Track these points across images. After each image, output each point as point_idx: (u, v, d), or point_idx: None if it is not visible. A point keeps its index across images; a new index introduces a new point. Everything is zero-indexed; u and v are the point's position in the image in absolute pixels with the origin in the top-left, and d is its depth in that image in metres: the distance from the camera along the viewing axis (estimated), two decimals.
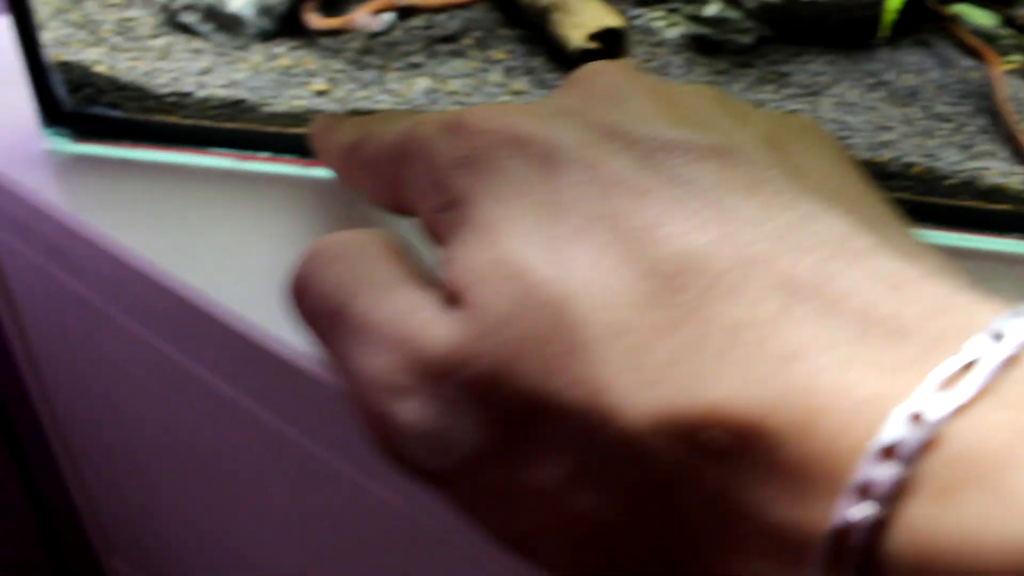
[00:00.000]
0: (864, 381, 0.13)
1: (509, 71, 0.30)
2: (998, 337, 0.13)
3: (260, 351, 0.26)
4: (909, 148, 0.29)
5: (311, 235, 0.28)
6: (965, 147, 0.30)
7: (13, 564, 0.63)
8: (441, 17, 0.32)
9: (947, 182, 0.29)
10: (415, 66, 0.31)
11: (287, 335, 0.25)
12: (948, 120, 0.31)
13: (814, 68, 0.32)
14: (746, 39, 0.32)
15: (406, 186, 0.20)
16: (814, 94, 0.31)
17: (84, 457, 0.51)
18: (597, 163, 0.17)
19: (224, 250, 0.28)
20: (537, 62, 0.31)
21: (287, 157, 0.31)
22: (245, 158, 0.31)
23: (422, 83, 0.30)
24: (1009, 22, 0.34)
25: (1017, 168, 0.29)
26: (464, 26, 0.32)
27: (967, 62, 0.32)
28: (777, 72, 0.31)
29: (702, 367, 0.14)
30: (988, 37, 0.33)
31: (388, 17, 0.32)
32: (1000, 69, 0.31)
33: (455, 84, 0.30)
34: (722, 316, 0.14)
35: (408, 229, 0.21)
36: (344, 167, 0.23)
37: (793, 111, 0.30)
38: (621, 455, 0.14)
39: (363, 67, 0.31)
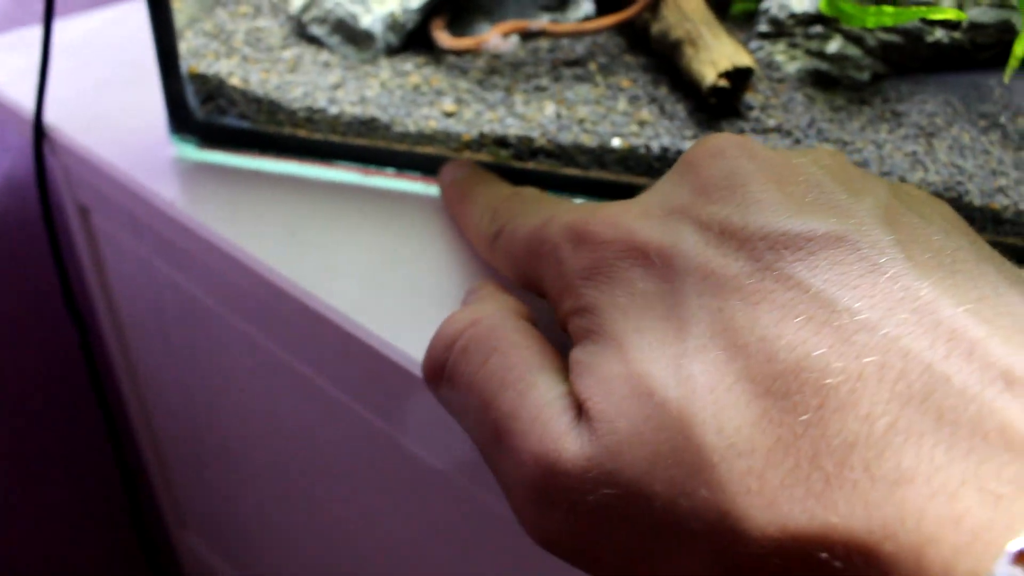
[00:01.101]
0: (975, 509, 0.13)
1: (634, 100, 0.32)
2: None
3: (365, 352, 0.28)
4: (1015, 194, 0.31)
5: (427, 249, 0.30)
6: None
7: (100, 535, 0.66)
8: (565, 41, 0.34)
9: None
10: (541, 89, 0.32)
11: (392, 338, 0.27)
12: None
13: (929, 108, 0.33)
14: (863, 76, 0.34)
15: (541, 281, 0.22)
16: (930, 135, 0.32)
17: (168, 437, 0.53)
18: (713, 269, 0.18)
19: (337, 256, 0.30)
20: (662, 92, 0.32)
21: (412, 174, 0.32)
22: (370, 173, 0.33)
23: (550, 108, 0.32)
24: None
25: None
26: (589, 51, 0.33)
27: None
28: (893, 111, 0.33)
29: (818, 488, 0.15)
30: None
31: (515, 39, 0.33)
32: None
33: (583, 111, 0.32)
34: (836, 434, 0.15)
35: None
36: (487, 254, 0.26)
37: (911, 151, 0.31)
38: (747, 573, 0.15)
39: (489, 88, 0.32)
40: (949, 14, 0.30)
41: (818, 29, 0.33)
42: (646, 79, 0.33)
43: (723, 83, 0.30)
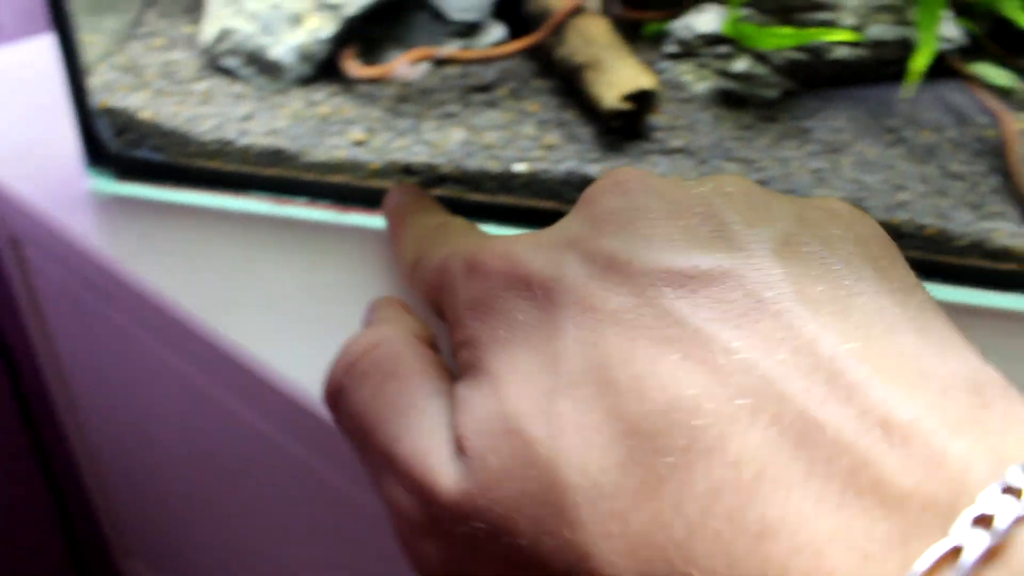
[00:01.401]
0: (842, 568, 0.13)
1: (542, 124, 0.32)
2: (984, 521, 0.13)
3: (273, 386, 0.28)
4: (924, 208, 0.32)
5: (340, 278, 0.31)
6: (977, 207, 0.32)
7: (35, 565, 0.66)
8: (477, 67, 0.34)
9: (957, 243, 0.31)
10: (450, 116, 0.33)
11: (297, 373, 0.28)
12: (962, 179, 0.33)
13: (836, 124, 0.34)
14: (771, 93, 0.34)
15: (443, 312, 0.22)
16: (835, 151, 0.33)
17: (107, 466, 0.53)
18: (594, 303, 0.18)
19: (247, 288, 0.30)
20: (569, 115, 0.33)
21: (324, 203, 0.33)
22: (282, 203, 0.33)
23: (458, 134, 0.32)
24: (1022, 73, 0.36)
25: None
26: (499, 76, 0.34)
27: (984, 120, 0.34)
28: (800, 128, 0.33)
29: (680, 536, 0.14)
30: (1006, 95, 0.35)
31: (425, 66, 0.34)
32: (1014, 128, 0.33)
33: (490, 136, 0.32)
34: (702, 479, 0.15)
35: None
36: (408, 281, 0.26)
37: (816, 167, 0.32)
38: None
39: (400, 115, 0.33)
40: (843, 35, 0.30)
41: (725, 49, 0.34)
42: (554, 103, 0.33)
43: (625, 106, 0.31)
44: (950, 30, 0.35)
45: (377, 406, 0.20)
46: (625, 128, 0.32)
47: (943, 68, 0.35)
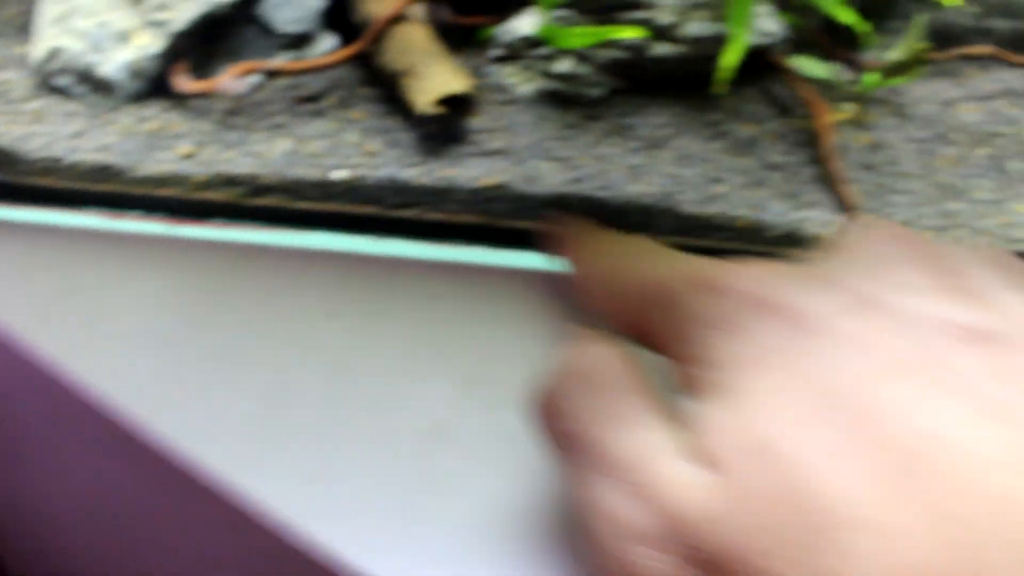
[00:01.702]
0: None
1: (365, 131, 0.33)
2: None
3: (100, 409, 0.29)
4: (738, 200, 0.32)
5: (176, 295, 0.31)
6: (792, 197, 0.33)
7: None
8: (306, 77, 0.35)
9: (770, 233, 0.32)
10: (279, 127, 0.34)
11: (127, 388, 0.28)
12: (780, 170, 0.34)
13: (658, 120, 0.35)
14: (597, 92, 0.35)
15: (655, 330, 0.22)
16: (656, 147, 0.34)
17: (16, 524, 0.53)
18: (851, 335, 0.17)
19: (81, 303, 0.31)
20: (392, 122, 0.33)
21: (157, 216, 0.34)
22: (116, 217, 0.34)
23: (282, 144, 0.33)
24: (851, 66, 0.37)
25: (838, 218, 0.33)
26: (327, 86, 0.35)
27: (805, 111, 0.35)
28: (623, 125, 0.34)
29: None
30: (827, 87, 0.36)
31: (254, 79, 0.34)
32: (827, 120, 0.34)
33: (314, 146, 0.33)
34: (994, 533, 0.14)
35: None
36: (592, 297, 0.25)
37: (632, 165, 0.33)
38: None
39: (230, 128, 0.34)
40: (633, 32, 0.31)
41: (547, 51, 0.35)
42: (379, 111, 0.34)
43: (437, 110, 0.32)
44: (771, 25, 0.36)
45: (597, 413, 0.20)
46: (444, 132, 0.33)
47: (766, 61, 0.36)
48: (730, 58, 0.33)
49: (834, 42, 0.39)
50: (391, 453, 0.26)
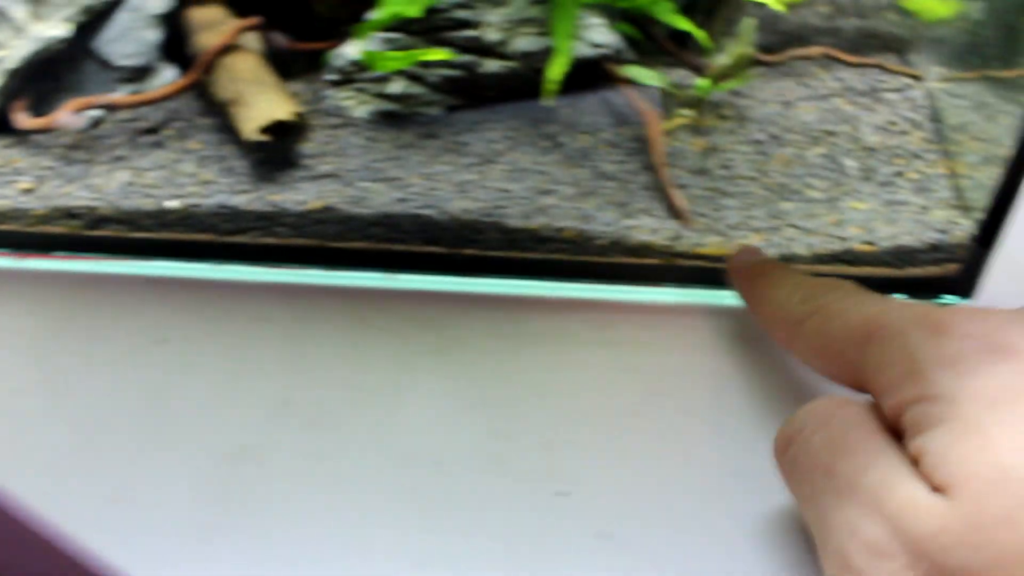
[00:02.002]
0: None
1: (202, 161, 0.34)
2: None
3: None
4: (567, 211, 0.33)
5: (14, 327, 0.32)
6: (623, 205, 0.34)
7: None
8: (147, 109, 0.36)
9: (599, 242, 0.33)
10: (119, 159, 0.34)
11: None
12: (613, 179, 0.34)
13: (493, 136, 0.35)
14: (434, 111, 0.36)
15: (868, 368, 0.23)
16: (489, 162, 0.34)
17: None
18: None
19: None
20: (228, 151, 0.34)
21: (3, 251, 0.34)
22: None
23: (121, 176, 0.34)
24: (699, 72, 0.38)
25: (668, 224, 0.33)
26: (167, 117, 0.36)
27: (640, 120, 0.36)
28: (459, 142, 0.35)
29: None
30: (670, 94, 0.37)
31: (96, 113, 0.35)
32: (657, 128, 0.35)
33: (151, 176, 0.34)
34: None
35: None
36: (789, 333, 0.27)
37: (467, 181, 0.34)
38: None
39: (71, 162, 0.34)
40: (438, 55, 0.32)
41: (378, 72, 0.35)
42: (215, 140, 0.35)
43: (262, 137, 0.32)
44: (603, 36, 0.36)
45: (841, 446, 0.22)
46: (275, 158, 0.33)
47: (603, 72, 0.37)
48: (555, 71, 0.34)
49: (682, 49, 0.39)
50: (194, 476, 0.27)
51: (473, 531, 0.26)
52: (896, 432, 0.22)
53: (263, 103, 0.33)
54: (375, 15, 0.33)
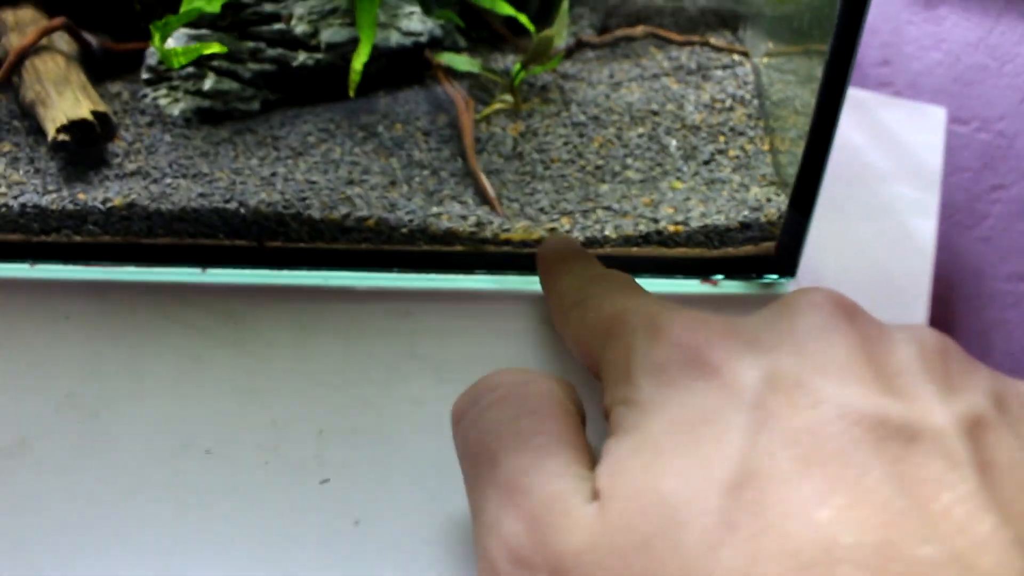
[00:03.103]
0: None
1: (13, 162, 0.35)
2: None
3: None
4: (373, 200, 0.33)
5: None
6: (432, 193, 0.34)
7: None
8: None
9: (403, 230, 0.33)
10: None
11: None
12: (425, 167, 0.35)
13: (308, 128, 0.36)
14: (253, 105, 0.36)
15: (602, 363, 0.23)
16: (299, 155, 0.35)
17: None
18: (772, 415, 0.18)
19: None
20: (38, 152, 0.35)
21: None
22: None
23: None
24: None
25: (476, 210, 0.33)
26: None
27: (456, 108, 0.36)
28: (274, 136, 0.35)
29: None
30: (493, 81, 0.37)
31: None
32: (469, 114, 0.35)
33: None
34: None
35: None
36: (560, 322, 0.27)
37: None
38: None
39: None
40: (215, 48, 0.32)
41: (192, 69, 0.36)
42: (26, 141, 0.35)
43: (64, 137, 0.33)
44: (416, 25, 0.37)
45: (511, 433, 0.21)
46: (85, 158, 0.34)
47: (423, 60, 0.37)
48: (358, 61, 0.34)
49: (518, 36, 0.40)
50: None
51: (235, 520, 0.26)
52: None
53: (65, 103, 0.33)
54: (178, 13, 0.34)
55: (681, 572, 0.17)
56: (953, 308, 0.57)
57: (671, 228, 0.33)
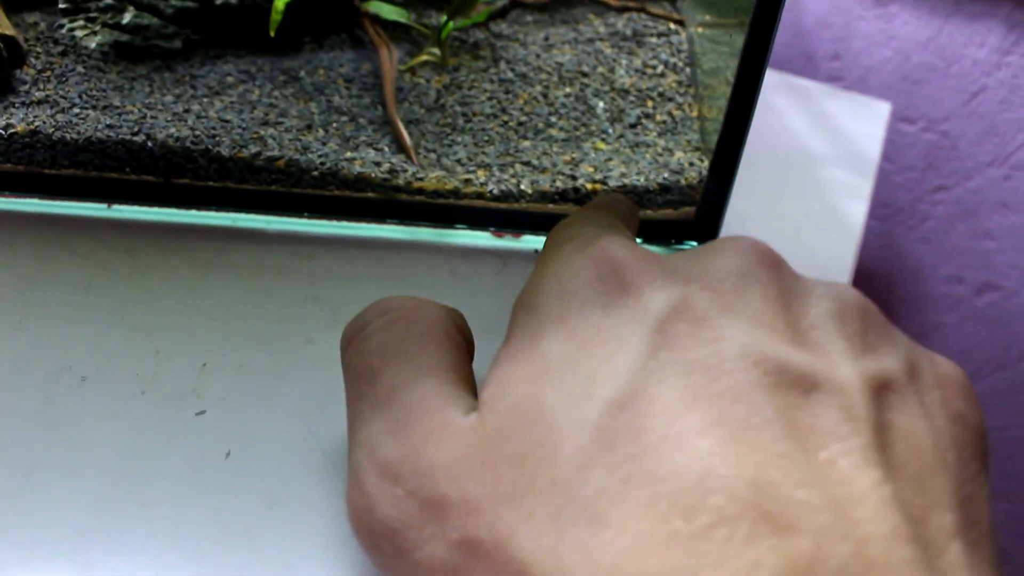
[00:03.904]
0: None
1: None
2: None
3: None
4: (286, 142, 0.33)
5: None
6: (348, 139, 0.33)
7: None
8: None
9: (313, 173, 0.32)
10: None
11: None
12: (344, 113, 0.34)
13: (229, 69, 0.35)
14: (175, 44, 0.35)
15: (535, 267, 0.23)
16: (216, 95, 0.34)
17: None
18: (668, 347, 0.17)
19: None
20: None
21: None
22: None
23: None
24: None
25: (391, 158, 0.33)
26: None
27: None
28: (193, 75, 0.35)
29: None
30: (417, 35, 0.36)
31: None
32: (389, 62, 0.34)
33: None
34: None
35: None
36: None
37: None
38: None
39: None
40: None
41: (111, 2, 0.35)
42: None
43: None
44: None
45: (393, 353, 0.21)
46: None
47: (351, 8, 0.37)
48: (280, 2, 0.33)
49: None
50: None
51: (102, 446, 0.25)
52: None
53: None
54: None
55: (550, 488, 0.16)
56: (891, 309, 0.57)
57: (589, 186, 0.33)
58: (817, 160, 0.42)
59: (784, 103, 0.47)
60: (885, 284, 0.55)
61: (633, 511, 0.15)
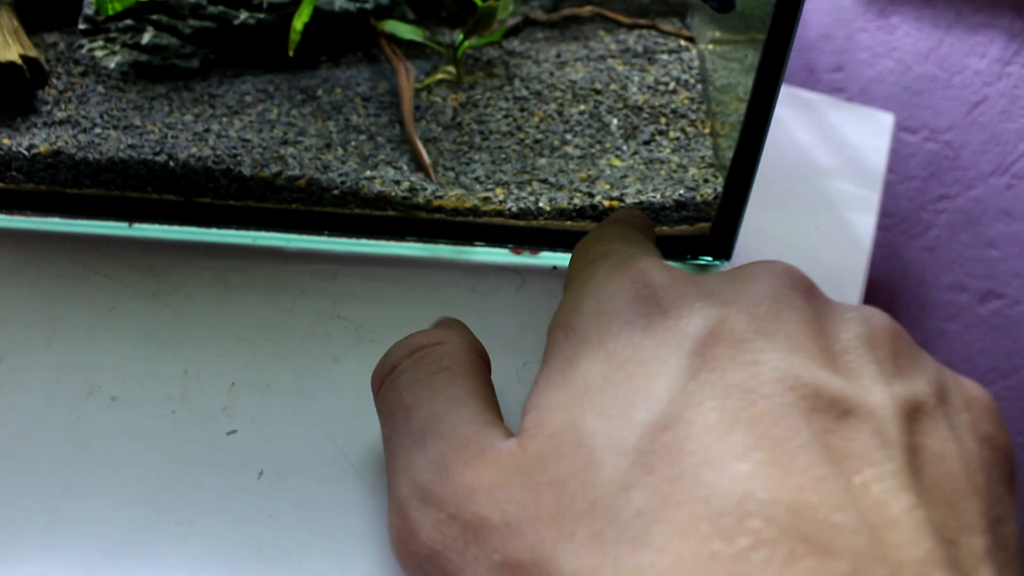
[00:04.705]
0: None
1: None
2: None
3: None
4: (306, 161, 0.33)
5: None
6: (367, 158, 0.34)
7: None
8: None
9: (334, 192, 0.33)
10: None
11: None
12: (362, 132, 0.34)
13: (247, 88, 0.35)
14: (192, 63, 0.36)
15: (567, 284, 0.24)
16: (235, 114, 0.34)
17: None
18: (706, 369, 0.18)
19: None
20: None
21: None
22: None
23: None
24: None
25: (410, 176, 0.33)
26: None
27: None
28: (212, 94, 0.35)
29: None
30: (432, 53, 0.37)
31: None
32: (407, 80, 0.35)
33: None
34: None
35: None
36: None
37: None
38: None
39: None
40: None
41: (130, 22, 0.35)
42: None
43: None
44: None
45: (424, 387, 0.21)
46: (12, 103, 0.33)
47: (368, 27, 0.37)
48: (298, 22, 0.34)
49: (467, 13, 0.40)
50: None
51: (135, 466, 0.25)
52: None
53: None
54: None
55: (591, 509, 0.17)
56: (895, 317, 0.57)
57: (606, 203, 0.33)
58: (824, 172, 0.43)
59: (790, 116, 0.48)
60: (889, 292, 0.56)
61: (673, 532, 0.16)
